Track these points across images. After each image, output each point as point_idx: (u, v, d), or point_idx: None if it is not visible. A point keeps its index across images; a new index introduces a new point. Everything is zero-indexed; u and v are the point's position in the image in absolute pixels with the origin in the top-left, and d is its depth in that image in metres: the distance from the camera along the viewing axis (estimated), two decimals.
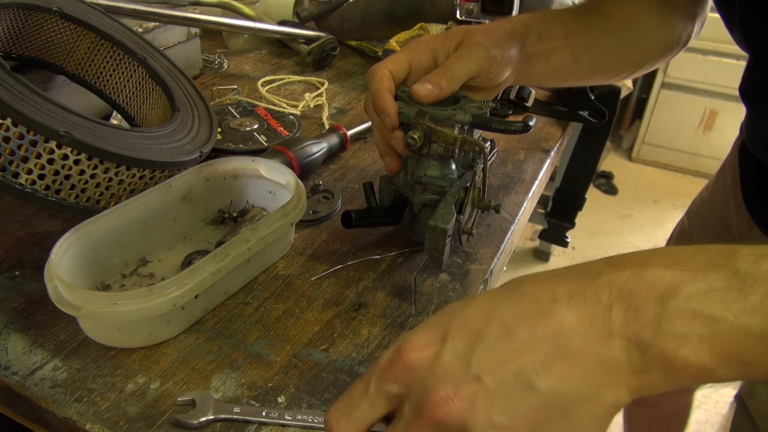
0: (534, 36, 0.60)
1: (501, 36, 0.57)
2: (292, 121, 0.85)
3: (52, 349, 0.48)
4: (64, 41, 0.71)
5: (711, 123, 2.80)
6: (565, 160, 1.30)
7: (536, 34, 0.60)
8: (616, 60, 0.67)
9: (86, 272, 0.52)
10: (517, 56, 0.59)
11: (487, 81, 0.58)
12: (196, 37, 0.97)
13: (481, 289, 0.58)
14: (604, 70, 0.67)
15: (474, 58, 0.55)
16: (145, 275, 0.56)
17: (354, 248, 0.62)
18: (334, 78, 1.02)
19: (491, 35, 0.57)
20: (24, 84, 0.53)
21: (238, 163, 0.63)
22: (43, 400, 0.44)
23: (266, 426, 0.43)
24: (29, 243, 0.59)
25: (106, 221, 0.53)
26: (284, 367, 0.48)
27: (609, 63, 0.67)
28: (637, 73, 0.71)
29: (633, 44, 0.66)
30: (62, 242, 0.49)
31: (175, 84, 0.72)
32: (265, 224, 0.54)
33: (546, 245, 2.23)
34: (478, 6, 0.96)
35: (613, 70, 0.68)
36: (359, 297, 0.56)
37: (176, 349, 0.49)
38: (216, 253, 0.50)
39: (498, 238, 0.65)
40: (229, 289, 0.55)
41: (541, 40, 0.60)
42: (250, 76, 1.01)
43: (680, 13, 0.67)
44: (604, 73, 0.68)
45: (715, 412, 1.71)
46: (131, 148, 0.56)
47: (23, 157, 0.51)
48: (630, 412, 1.17)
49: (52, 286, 0.46)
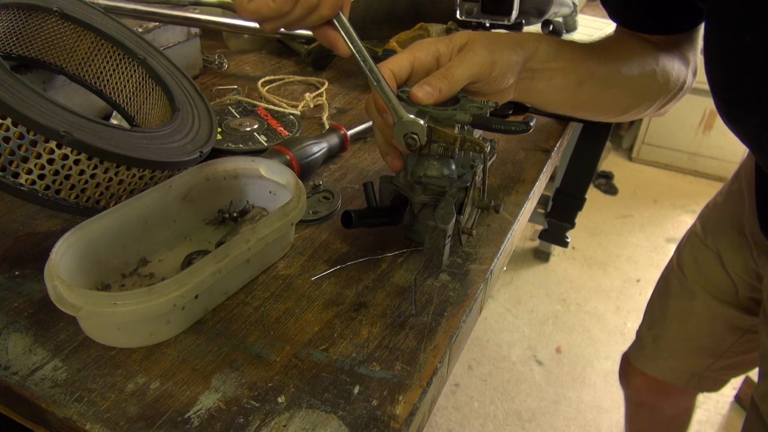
0: (542, 53, 0.60)
1: (507, 43, 0.57)
2: (292, 121, 0.85)
3: (52, 349, 0.48)
4: (64, 41, 0.71)
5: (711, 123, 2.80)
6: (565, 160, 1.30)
7: (545, 52, 0.60)
8: (617, 94, 0.67)
9: (86, 272, 0.52)
10: (520, 66, 0.58)
11: (488, 86, 0.58)
12: (196, 37, 0.97)
13: (480, 289, 0.58)
14: (602, 104, 0.68)
15: (476, 62, 0.55)
16: (145, 275, 0.56)
17: (354, 248, 0.62)
18: (334, 78, 1.02)
19: (496, 41, 0.57)
20: (24, 84, 0.53)
21: (238, 163, 0.63)
22: (43, 400, 0.44)
23: (266, 425, 0.43)
24: (29, 243, 0.59)
25: (106, 221, 0.53)
26: (284, 367, 0.48)
27: (609, 96, 0.66)
28: (632, 113, 0.71)
29: (636, 81, 0.66)
30: (62, 242, 0.49)
31: (175, 84, 0.72)
32: (265, 224, 0.54)
33: (546, 245, 2.24)
34: (478, 6, 0.96)
35: (610, 104, 0.68)
36: (359, 297, 0.56)
37: (176, 349, 0.49)
38: (216, 253, 0.50)
39: (498, 238, 0.65)
40: (229, 289, 0.55)
41: (548, 59, 0.60)
42: (250, 76, 1.01)
43: (676, 58, 0.68)
44: (601, 107, 0.68)
45: (715, 413, 1.71)
46: (131, 148, 0.56)
47: (23, 157, 0.51)
48: (631, 415, 1.17)
49: (52, 286, 0.46)
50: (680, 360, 0.97)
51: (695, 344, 0.94)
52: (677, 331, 0.95)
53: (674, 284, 0.95)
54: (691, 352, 0.95)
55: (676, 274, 0.94)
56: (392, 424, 0.44)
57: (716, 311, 0.88)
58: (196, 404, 0.44)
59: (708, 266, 0.87)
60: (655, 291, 1.01)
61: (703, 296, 0.89)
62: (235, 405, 0.45)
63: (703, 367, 0.95)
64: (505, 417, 1.68)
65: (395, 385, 0.47)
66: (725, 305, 0.87)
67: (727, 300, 0.87)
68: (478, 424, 1.65)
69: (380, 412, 0.44)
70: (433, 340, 0.51)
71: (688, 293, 0.92)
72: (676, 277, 0.95)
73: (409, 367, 0.48)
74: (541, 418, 1.68)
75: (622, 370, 1.10)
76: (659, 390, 1.03)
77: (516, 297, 2.10)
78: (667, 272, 0.98)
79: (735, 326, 0.89)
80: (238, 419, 0.43)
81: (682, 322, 0.94)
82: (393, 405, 0.45)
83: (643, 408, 1.11)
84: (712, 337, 0.91)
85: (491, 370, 1.82)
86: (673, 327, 0.96)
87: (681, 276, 0.93)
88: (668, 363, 0.98)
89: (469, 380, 1.78)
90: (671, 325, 0.96)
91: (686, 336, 0.94)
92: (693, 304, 0.91)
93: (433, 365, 0.49)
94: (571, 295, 2.13)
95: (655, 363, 1.00)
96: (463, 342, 0.57)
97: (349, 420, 0.44)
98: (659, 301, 0.99)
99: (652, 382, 1.02)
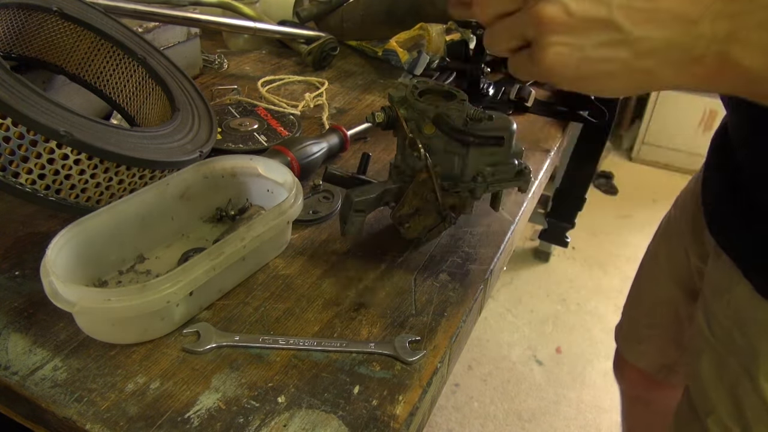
0: None
1: None
2: (292, 121, 0.85)
3: (52, 349, 0.48)
4: (64, 41, 0.71)
5: (711, 123, 2.80)
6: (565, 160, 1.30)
7: None
8: None
9: (83, 268, 0.52)
10: None
11: None
12: (196, 37, 0.97)
13: (480, 289, 0.58)
14: None
15: None
16: (141, 272, 0.56)
17: (354, 248, 0.62)
18: (334, 78, 1.02)
19: None
20: (24, 84, 0.53)
21: (237, 162, 0.63)
22: (43, 400, 0.44)
23: (266, 425, 0.43)
24: (29, 243, 0.59)
25: (103, 218, 0.53)
26: (284, 367, 0.48)
27: None
28: None
29: None
30: (59, 238, 0.49)
31: (175, 84, 0.72)
32: (260, 223, 0.54)
33: (546, 245, 2.23)
34: None
35: None
36: (359, 297, 0.56)
37: (176, 349, 0.49)
38: (210, 250, 0.50)
39: (498, 238, 0.65)
40: (224, 286, 0.55)
41: None
42: (250, 76, 1.01)
43: None
44: None
45: None
46: (131, 148, 0.56)
47: (23, 157, 0.51)
48: (627, 411, 1.17)
49: (48, 282, 0.46)
50: (650, 347, 0.97)
51: (662, 333, 0.94)
52: (648, 317, 0.96)
53: (646, 269, 0.96)
54: (659, 340, 0.95)
55: (649, 259, 0.95)
56: (392, 424, 0.44)
57: (677, 300, 0.89)
58: (196, 404, 0.44)
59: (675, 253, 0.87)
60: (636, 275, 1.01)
61: (668, 284, 0.89)
62: (235, 405, 0.45)
63: (671, 360, 0.95)
64: (505, 417, 1.68)
65: (395, 385, 0.47)
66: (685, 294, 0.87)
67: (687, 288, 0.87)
68: (478, 424, 1.65)
69: (380, 412, 0.44)
70: (433, 340, 0.51)
71: (655, 279, 0.92)
72: (648, 261, 0.95)
73: (409, 367, 0.48)
74: (541, 418, 1.68)
75: (616, 364, 1.10)
76: (650, 383, 1.03)
77: (516, 297, 2.10)
78: (644, 258, 0.98)
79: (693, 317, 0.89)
80: (238, 419, 0.43)
81: (651, 308, 0.95)
82: (393, 405, 0.45)
83: (638, 403, 1.11)
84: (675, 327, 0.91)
85: (491, 370, 1.82)
86: (642, 312, 0.96)
87: (653, 263, 0.93)
88: (641, 347, 0.99)
89: (469, 380, 1.78)
90: (641, 310, 0.97)
91: (654, 323, 0.94)
92: (659, 291, 0.92)
93: (433, 365, 0.49)
94: (571, 295, 2.12)
95: (632, 348, 1.01)
96: (463, 342, 0.57)
97: (349, 420, 0.44)
98: (636, 285, 1.00)
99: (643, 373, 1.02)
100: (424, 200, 0.58)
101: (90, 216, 0.52)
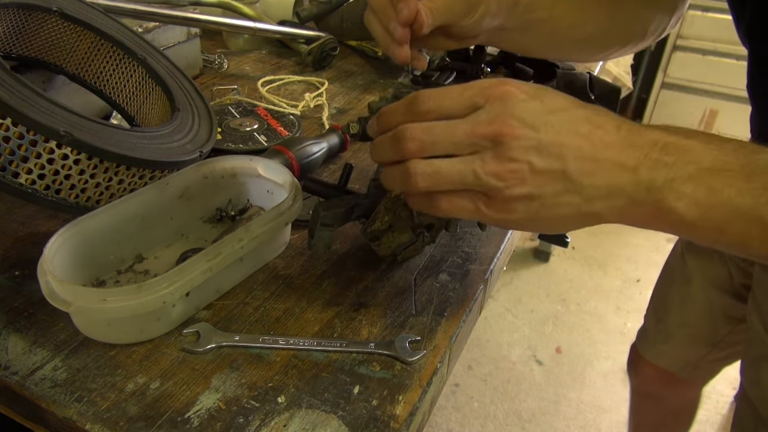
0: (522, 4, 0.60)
1: None
2: (292, 121, 0.85)
3: (52, 349, 0.48)
4: (64, 41, 0.71)
5: (711, 123, 2.80)
6: None
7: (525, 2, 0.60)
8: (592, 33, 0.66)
9: (81, 268, 0.52)
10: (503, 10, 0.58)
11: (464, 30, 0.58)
12: (196, 37, 0.97)
13: (480, 289, 0.58)
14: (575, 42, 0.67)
15: None
16: (140, 272, 0.56)
17: (354, 248, 0.62)
18: (334, 78, 1.02)
19: None
20: (24, 84, 0.53)
21: (236, 162, 0.63)
22: (43, 400, 0.44)
23: (266, 425, 0.43)
24: (29, 243, 0.59)
25: (102, 217, 0.53)
26: (284, 367, 0.48)
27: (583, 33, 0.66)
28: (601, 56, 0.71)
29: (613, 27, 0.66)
30: (56, 238, 0.49)
31: (175, 84, 0.72)
32: (258, 223, 0.54)
33: (546, 245, 2.23)
34: None
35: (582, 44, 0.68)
36: (359, 297, 0.56)
37: (176, 349, 0.49)
38: (207, 251, 0.50)
39: (498, 238, 0.65)
40: (222, 287, 0.55)
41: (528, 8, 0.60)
42: (250, 76, 1.01)
43: (660, 6, 0.68)
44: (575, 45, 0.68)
45: (715, 412, 1.71)
46: (131, 148, 0.56)
47: (23, 157, 0.51)
48: (637, 407, 1.17)
49: (44, 281, 0.46)
50: (677, 347, 0.98)
51: (692, 331, 0.94)
52: (676, 316, 0.96)
53: (675, 270, 0.96)
54: (688, 339, 0.95)
55: (678, 260, 0.95)
56: (392, 424, 0.44)
57: (712, 298, 0.89)
58: (196, 404, 0.44)
59: (705, 252, 0.88)
60: (660, 277, 1.02)
61: (701, 282, 0.90)
62: (235, 405, 0.44)
63: (697, 357, 0.96)
64: (505, 417, 1.68)
65: (395, 385, 0.47)
66: (721, 292, 0.88)
67: (723, 287, 0.87)
68: (478, 424, 1.65)
69: (380, 412, 0.44)
70: (433, 340, 0.51)
71: (686, 279, 0.93)
72: (677, 263, 0.96)
73: (409, 367, 0.48)
74: (541, 418, 1.68)
75: (631, 360, 1.10)
76: (666, 380, 1.03)
77: (516, 297, 2.10)
78: (670, 258, 0.99)
79: (730, 315, 0.89)
80: (238, 419, 0.43)
81: (681, 308, 0.95)
82: (393, 405, 0.45)
83: (650, 399, 1.11)
84: (707, 325, 0.92)
85: (491, 370, 1.82)
86: (672, 312, 0.97)
87: (681, 262, 0.94)
88: (665, 348, 0.99)
89: (469, 380, 1.78)
90: (670, 310, 0.97)
91: (684, 322, 0.95)
92: (690, 290, 0.92)
93: (433, 365, 0.49)
94: (571, 295, 2.12)
95: (655, 347, 1.01)
96: (463, 342, 0.57)
97: (349, 420, 0.44)
98: (662, 287, 1.00)
99: (660, 371, 1.02)
100: (397, 216, 0.54)
101: (88, 215, 0.52)
